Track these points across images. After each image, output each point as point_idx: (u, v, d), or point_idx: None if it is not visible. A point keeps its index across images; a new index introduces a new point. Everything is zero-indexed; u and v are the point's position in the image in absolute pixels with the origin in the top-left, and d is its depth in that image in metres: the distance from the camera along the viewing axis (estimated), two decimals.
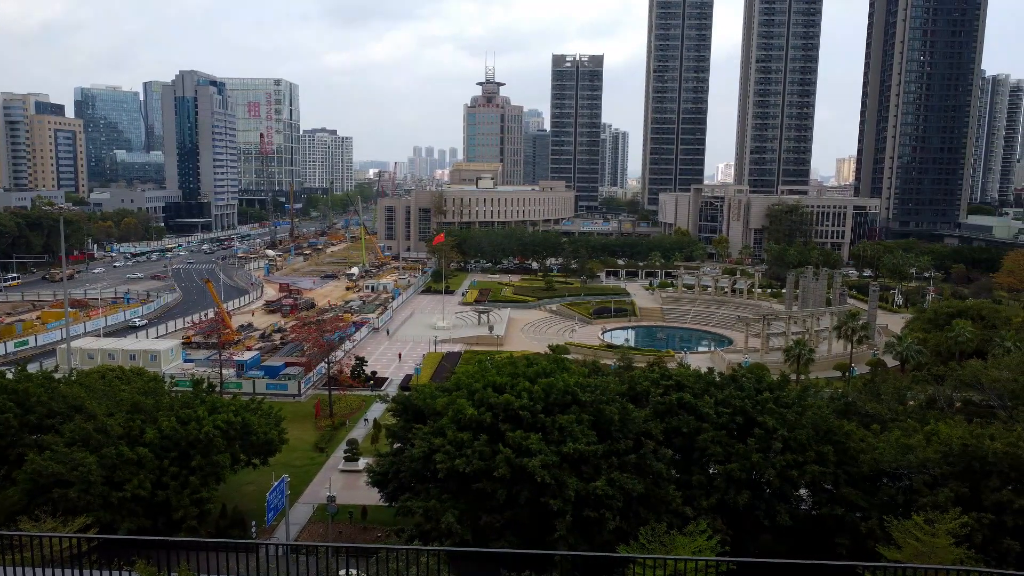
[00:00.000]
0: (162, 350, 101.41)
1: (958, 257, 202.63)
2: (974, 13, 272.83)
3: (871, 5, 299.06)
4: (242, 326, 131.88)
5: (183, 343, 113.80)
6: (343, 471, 68.32)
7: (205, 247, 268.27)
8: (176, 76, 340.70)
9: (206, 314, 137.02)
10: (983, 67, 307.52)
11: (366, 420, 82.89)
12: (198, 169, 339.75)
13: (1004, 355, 76.13)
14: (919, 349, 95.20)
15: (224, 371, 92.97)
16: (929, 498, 41.24)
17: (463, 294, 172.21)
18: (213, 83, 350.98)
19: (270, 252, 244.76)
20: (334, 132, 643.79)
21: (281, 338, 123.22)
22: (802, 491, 47.61)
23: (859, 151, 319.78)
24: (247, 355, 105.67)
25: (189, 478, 49.73)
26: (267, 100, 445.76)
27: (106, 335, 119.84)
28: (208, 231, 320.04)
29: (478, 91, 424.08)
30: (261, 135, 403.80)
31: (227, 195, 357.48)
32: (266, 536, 53.50)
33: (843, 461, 46.75)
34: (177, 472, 49.80)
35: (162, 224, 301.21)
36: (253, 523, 53.37)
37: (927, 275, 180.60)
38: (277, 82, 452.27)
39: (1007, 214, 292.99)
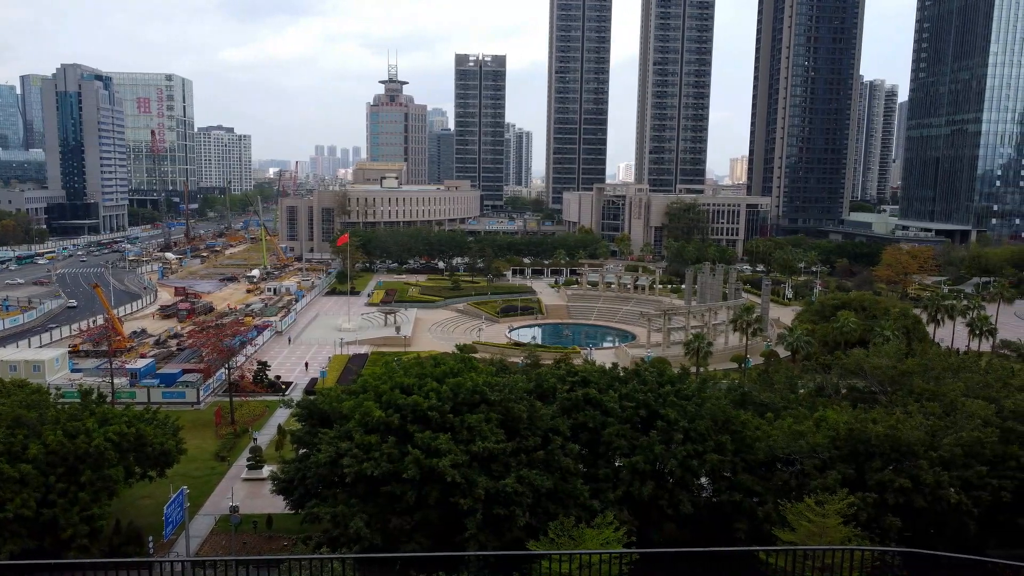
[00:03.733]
0: (46, 360, 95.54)
1: (842, 252, 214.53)
2: (852, 22, 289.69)
3: (759, 12, 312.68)
4: (135, 332, 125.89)
5: (70, 352, 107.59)
6: (246, 480, 66.33)
7: (80, 253, 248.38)
8: (58, 69, 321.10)
9: (94, 320, 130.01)
10: (861, 72, 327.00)
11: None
12: (84, 168, 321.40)
13: (884, 344, 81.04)
14: (808, 340, 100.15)
15: (116, 380, 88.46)
16: (819, 481, 43.59)
17: (369, 295, 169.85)
18: (99, 77, 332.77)
19: (169, 255, 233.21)
20: (231, 130, 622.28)
21: (178, 344, 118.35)
22: (703, 480, 49.42)
23: (751, 151, 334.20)
24: (141, 363, 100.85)
25: (78, 494, 47.30)
26: (158, 96, 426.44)
27: None
28: (96, 233, 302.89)
29: (381, 89, 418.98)
30: (152, 132, 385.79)
31: (116, 195, 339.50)
32: (164, 551, 51.39)
33: (740, 449, 48.82)
34: (65, 488, 47.29)
35: (44, 226, 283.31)
36: (150, 538, 51.17)
37: (814, 269, 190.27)
38: (169, 77, 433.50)
39: (885, 211, 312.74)
